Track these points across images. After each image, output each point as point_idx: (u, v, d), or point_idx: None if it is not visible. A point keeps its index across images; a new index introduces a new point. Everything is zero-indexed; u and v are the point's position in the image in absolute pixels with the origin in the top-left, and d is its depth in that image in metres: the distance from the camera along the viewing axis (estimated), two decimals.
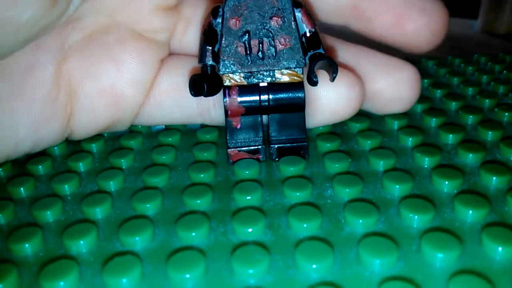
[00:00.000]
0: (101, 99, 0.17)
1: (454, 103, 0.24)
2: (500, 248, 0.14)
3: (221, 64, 0.18)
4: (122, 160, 0.20)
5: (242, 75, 0.18)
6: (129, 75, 0.18)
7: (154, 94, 0.19)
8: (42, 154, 0.21)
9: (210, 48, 0.18)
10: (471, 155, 0.19)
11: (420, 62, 0.31)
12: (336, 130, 0.22)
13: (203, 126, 0.23)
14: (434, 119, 0.22)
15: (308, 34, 0.18)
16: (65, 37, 0.17)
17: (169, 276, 0.13)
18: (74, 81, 0.17)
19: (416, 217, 0.15)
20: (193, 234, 0.15)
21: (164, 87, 0.19)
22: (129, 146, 0.22)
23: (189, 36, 0.19)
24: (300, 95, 0.19)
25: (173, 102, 0.19)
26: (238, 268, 0.13)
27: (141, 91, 0.18)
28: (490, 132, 0.21)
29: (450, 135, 0.21)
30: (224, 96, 0.19)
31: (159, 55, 0.18)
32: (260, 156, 0.20)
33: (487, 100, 0.24)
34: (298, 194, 0.17)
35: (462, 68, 0.30)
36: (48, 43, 0.16)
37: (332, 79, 0.17)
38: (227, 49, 0.18)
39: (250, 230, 0.15)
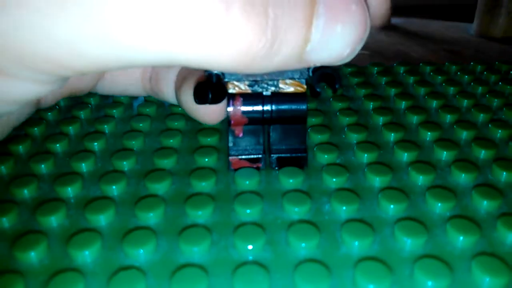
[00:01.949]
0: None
1: (449, 116, 0.25)
2: (487, 279, 0.14)
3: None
4: (125, 163, 0.20)
5: (247, 83, 0.19)
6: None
7: (109, 75, 0.21)
8: (44, 152, 0.21)
9: None
10: (463, 175, 0.20)
11: (418, 67, 0.32)
12: (334, 140, 0.23)
13: (202, 129, 0.23)
14: (429, 133, 0.23)
15: None
16: None
17: None
18: None
19: (409, 241, 0.16)
20: (195, 249, 0.16)
21: (115, 71, 0.21)
22: (130, 147, 0.22)
23: None
24: (302, 107, 0.19)
25: (124, 82, 0.21)
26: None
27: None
28: (483, 151, 0.21)
29: (444, 152, 0.21)
30: (228, 106, 0.19)
31: None
32: (260, 165, 0.20)
33: (481, 115, 0.25)
34: (296, 209, 0.17)
35: (458, 76, 0.30)
36: None
37: (335, 91, 0.18)
38: None
39: (250, 247, 0.16)
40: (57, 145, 0.22)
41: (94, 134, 0.23)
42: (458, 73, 0.30)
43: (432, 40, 0.33)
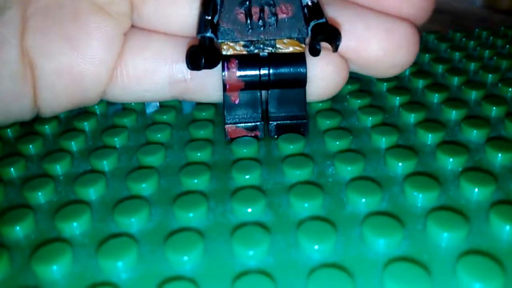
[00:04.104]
0: (60, 80, 0.16)
1: (456, 78, 0.23)
2: (507, 227, 0.13)
3: (220, 31, 0.17)
4: (116, 139, 0.19)
5: (241, 43, 0.18)
6: (88, 54, 0.16)
7: (122, 77, 0.18)
8: (33, 133, 0.20)
9: (209, 18, 0.17)
10: (475, 131, 0.18)
11: (420, 36, 0.31)
12: (337, 107, 0.22)
13: (198, 104, 0.22)
14: (436, 95, 0.22)
15: (310, 4, 0.17)
16: (23, 11, 0.16)
17: (167, 258, 0.13)
18: (33, 60, 0.16)
19: (420, 195, 0.15)
20: (191, 214, 0.15)
21: (132, 72, 0.18)
22: (122, 124, 0.21)
23: (147, 8, 0.17)
24: (301, 70, 0.18)
25: (143, 87, 0.18)
26: (238, 249, 0.13)
27: (104, 69, 0.17)
28: (494, 108, 0.20)
29: (454, 111, 0.20)
30: (223, 70, 0.18)
31: (120, 29, 0.17)
32: (259, 133, 0.19)
33: (490, 75, 0.24)
34: (298, 172, 0.16)
35: (463, 43, 0.29)
36: (10, 16, 0.15)
37: (335, 49, 0.16)
38: (226, 15, 0.17)
39: (249, 210, 0.15)
40: (46, 126, 0.21)
41: (84, 116, 0.22)
42: (463, 39, 0.29)
43: (437, 10, 0.32)
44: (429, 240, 0.13)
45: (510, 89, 0.22)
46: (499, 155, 0.17)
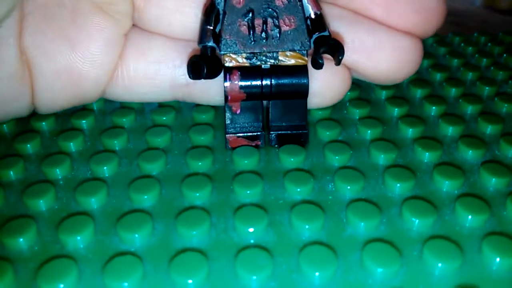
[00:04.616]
0: (58, 81, 0.16)
1: (454, 89, 0.24)
2: (498, 259, 0.14)
3: (223, 43, 0.17)
4: (115, 141, 0.19)
5: (244, 55, 0.18)
6: (88, 55, 0.16)
7: (122, 78, 0.17)
8: (30, 131, 0.20)
9: (211, 28, 0.17)
10: (471, 151, 0.19)
11: None
12: (336, 116, 0.22)
13: (198, 105, 0.22)
14: (434, 108, 0.22)
15: (313, 16, 0.17)
16: (20, 8, 0.15)
17: (172, 279, 0.13)
18: (31, 60, 0.16)
19: (417, 221, 0.15)
20: (194, 232, 0.15)
21: (133, 74, 0.18)
22: (121, 124, 0.21)
23: (149, 11, 0.17)
24: (304, 81, 0.18)
25: (144, 89, 0.18)
26: (241, 273, 0.13)
27: (104, 70, 0.17)
28: (489, 126, 0.21)
29: (450, 128, 0.20)
30: (225, 80, 0.18)
31: (120, 30, 0.17)
32: (259, 143, 0.19)
33: (487, 88, 0.24)
34: (299, 189, 0.17)
35: (462, 48, 0.29)
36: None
37: (338, 63, 0.17)
38: (229, 27, 0.17)
39: (251, 230, 0.15)
40: (43, 123, 0.21)
41: (82, 114, 0.21)
42: (462, 44, 0.29)
43: None
44: (425, 268, 0.14)
45: (506, 105, 0.22)
46: (493, 179, 0.17)
